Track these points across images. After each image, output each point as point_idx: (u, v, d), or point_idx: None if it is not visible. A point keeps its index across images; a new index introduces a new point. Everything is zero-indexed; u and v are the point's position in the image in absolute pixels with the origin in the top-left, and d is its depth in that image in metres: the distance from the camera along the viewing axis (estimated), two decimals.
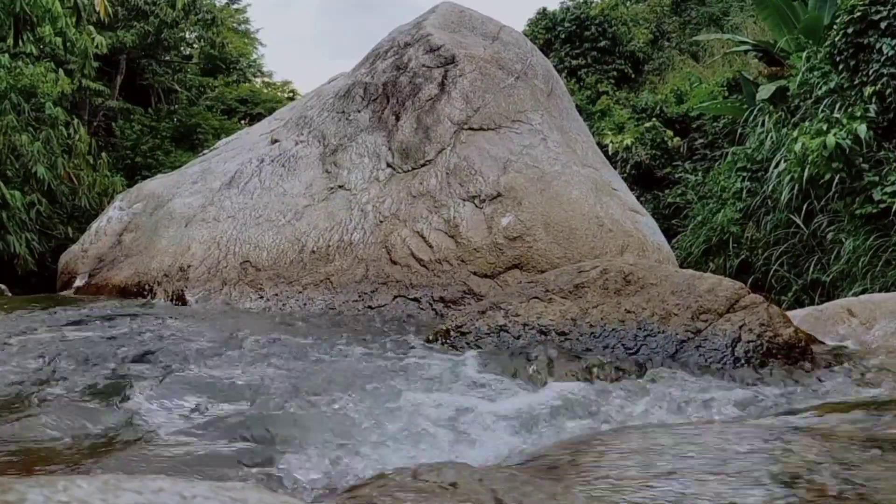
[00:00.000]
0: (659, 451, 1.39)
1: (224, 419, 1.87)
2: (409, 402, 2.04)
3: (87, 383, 2.22)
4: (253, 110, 15.34)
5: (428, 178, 4.55)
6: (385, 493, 1.11)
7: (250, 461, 1.59)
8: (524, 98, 5.00)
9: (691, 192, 11.10)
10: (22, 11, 7.07)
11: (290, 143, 5.06)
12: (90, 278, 4.73)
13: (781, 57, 10.33)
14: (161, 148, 12.45)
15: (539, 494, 1.12)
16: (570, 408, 2.06)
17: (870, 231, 6.95)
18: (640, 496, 1.13)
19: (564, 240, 4.24)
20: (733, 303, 2.60)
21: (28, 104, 9.14)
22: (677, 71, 15.29)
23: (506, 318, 2.72)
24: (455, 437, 1.82)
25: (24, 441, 1.71)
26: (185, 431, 1.79)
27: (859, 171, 7.05)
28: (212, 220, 4.59)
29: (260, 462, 1.59)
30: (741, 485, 1.16)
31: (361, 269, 4.21)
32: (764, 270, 8.39)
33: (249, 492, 0.79)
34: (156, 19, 12.29)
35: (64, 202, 9.50)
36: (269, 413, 1.93)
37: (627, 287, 2.69)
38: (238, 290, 4.20)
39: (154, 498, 0.69)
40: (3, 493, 0.66)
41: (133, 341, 2.87)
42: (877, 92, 7.11)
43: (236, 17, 18.99)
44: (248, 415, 1.92)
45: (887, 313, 3.05)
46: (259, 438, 1.73)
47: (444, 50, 5.11)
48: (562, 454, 1.45)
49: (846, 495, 1.10)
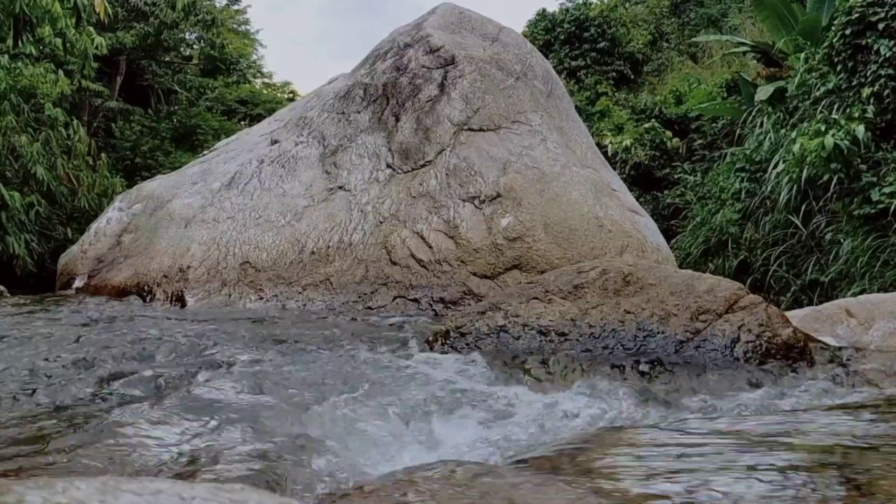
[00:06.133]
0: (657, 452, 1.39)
1: (223, 419, 1.87)
2: (408, 402, 2.04)
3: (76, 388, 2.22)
4: (253, 111, 15.33)
5: (428, 179, 4.55)
6: (386, 492, 1.11)
7: (249, 461, 1.59)
8: (524, 99, 5.00)
9: (690, 192, 11.10)
10: (22, 12, 7.07)
11: (290, 143, 5.06)
12: (89, 279, 4.73)
13: (780, 58, 10.34)
14: (161, 149, 12.44)
15: (543, 494, 1.12)
16: (569, 408, 2.06)
17: (868, 231, 6.96)
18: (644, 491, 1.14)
19: (564, 240, 4.24)
20: (732, 303, 2.61)
21: (27, 105, 9.13)
22: (676, 72, 15.30)
23: (505, 318, 2.73)
24: (455, 437, 1.82)
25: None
26: (185, 431, 1.79)
27: (857, 171, 7.05)
28: (211, 221, 4.59)
29: (259, 462, 1.59)
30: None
31: (361, 269, 4.21)
32: (763, 271, 8.40)
33: (249, 493, 0.79)
34: (155, 20, 12.29)
35: (63, 203, 9.49)
36: (268, 413, 1.93)
37: (627, 288, 2.70)
38: (238, 290, 4.20)
39: (153, 499, 0.69)
40: (2, 494, 0.66)
41: (133, 341, 2.87)
42: (875, 93, 7.11)
43: (236, 18, 18.99)
44: (247, 415, 1.92)
45: (886, 314, 3.06)
46: (258, 438, 1.73)
47: (443, 51, 5.11)
48: (562, 454, 1.45)
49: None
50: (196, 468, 1.54)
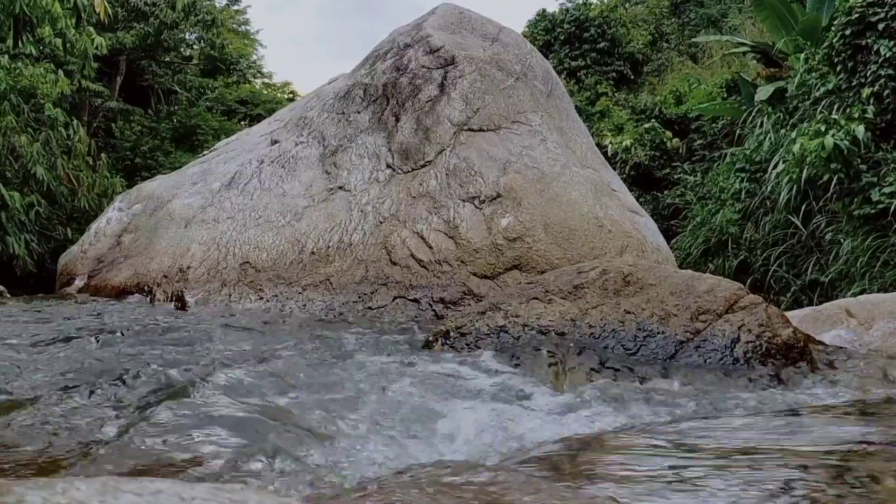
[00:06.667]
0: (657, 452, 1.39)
1: (222, 420, 1.87)
2: (406, 402, 2.04)
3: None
4: (253, 111, 15.33)
5: (428, 179, 4.55)
6: (383, 492, 1.11)
7: (249, 461, 1.59)
8: (524, 99, 5.00)
9: (690, 192, 11.11)
10: (22, 12, 7.07)
11: (290, 143, 5.06)
12: (89, 279, 4.73)
13: (780, 58, 10.35)
14: (161, 149, 12.44)
15: (541, 495, 1.12)
16: (569, 408, 2.06)
17: (868, 232, 6.96)
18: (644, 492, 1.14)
19: (564, 240, 4.24)
20: (732, 303, 2.61)
21: (27, 105, 9.14)
22: (676, 72, 15.31)
23: (505, 318, 2.73)
24: (454, 437, 1.82)
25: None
26: (184, 431, 1.79)
27: (857, 172, 7.05)
28: (211, 221, 4.59)
29: (258, 462, 1.59)
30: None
31: (361, 270, 4.21)
32: (763, 271, 8.40)
33: (249, 493, 0.80)
34: (155, 20, 12.29)
35: (63, 203, 9.49)
36: (266, 413, 1.93)
37: (627, 288, 2.70)
38: (238, 291, 4.20)
39: (153, 499, 0.69)
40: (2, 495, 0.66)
41: (133, 340, 2.87)
42: (874, 93, 7.12)
43: (236, 19, 19.00)
44: (246, 415, 1.92)
45: (886, 314, 3.06)
46: (258, 438, 1.73)
47: (443, 51, 5.11)
48: (562, 455, 1.45)
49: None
50: (196, 468, 1.54)
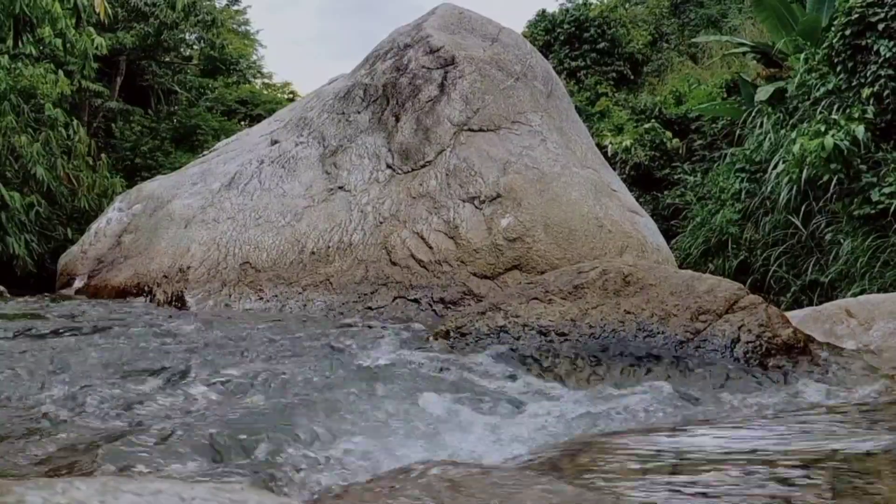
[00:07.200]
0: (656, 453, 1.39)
1: (221, 420, 1.87)
2: (406, 402, 2.04)
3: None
4: (253, 111, 15.32)
5: (428, 180, 4.55)
6: (383, 491, 1.11)
7: (249, 462, 1.59)
8: (524, 99, 5.01)
9: (690, 193, 11.10)
10: (21, 12, 7.07)
11: (290, 144, 5.06)
12: (89, 279, 4.73)
13: (780, 58, 10.35)
14: (161, 149, 12.43)
15: (542, 495, 1.12)
16: (569, 409, 2.06)
17: (868, 232, 6.96)
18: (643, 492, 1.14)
19: (564, 241, 4.24)
20: (732, 303, 2.61)
21: (27, 105, 9.13)
22: (676, 72, 15.30)
23: (505, 319, 2.73)
24: (454, 437, 1.82)
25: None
26: (184, 431, 1.78)
27: (857, 172, 7.05)
28: (211, 222, 4.59)
29: (258, 462, 1.59)
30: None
31: (361, 270, 4.21)
32: (763, 271, 8.39)
33: (248, 493, 0.79)
34: (155, 21, 12.29)
35: (63, 203, 9.49)
36: (265, 413, 1.93)
37: (627, 288, 2.70)
38: (238, 291, 4.20)
39: (153, 499, 0.69)
40: (2, 495, 0.66)
41: (134, 340, 2.87)
42: (874, 93, 7.11)
43: (236, 19, 18.98)
44: (245, 415, 1.92)
45: (886, 314, 3.06)
46: (258, 438, 1.73)
47: (443, 51, 5.11)
48: (563, 455, 1.45)
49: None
50: (196, 468, 1.54)
